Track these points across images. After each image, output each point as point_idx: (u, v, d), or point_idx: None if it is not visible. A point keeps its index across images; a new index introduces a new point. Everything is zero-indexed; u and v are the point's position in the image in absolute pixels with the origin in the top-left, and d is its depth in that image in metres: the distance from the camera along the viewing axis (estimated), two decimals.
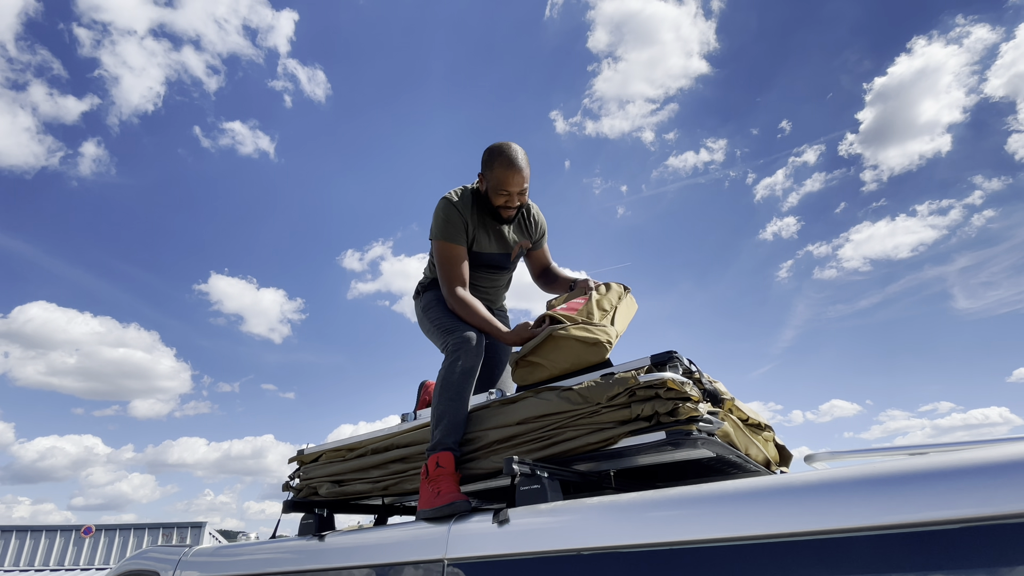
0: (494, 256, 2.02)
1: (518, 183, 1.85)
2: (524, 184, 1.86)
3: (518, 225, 2.04)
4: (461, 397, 1.62)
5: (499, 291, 2.18)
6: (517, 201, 1.88)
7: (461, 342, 1.72)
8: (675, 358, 1.34)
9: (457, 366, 1.67)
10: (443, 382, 1.65)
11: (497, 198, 1.88)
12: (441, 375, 1.69)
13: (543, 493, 1.23)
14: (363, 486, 1.72)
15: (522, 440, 1.42)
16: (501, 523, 1.17)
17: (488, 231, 1.97)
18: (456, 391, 1.62)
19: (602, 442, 1.33)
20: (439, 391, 1.64)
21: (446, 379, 1.65)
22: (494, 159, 1.86)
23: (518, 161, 1.84)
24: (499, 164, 1.85)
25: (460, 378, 1.65)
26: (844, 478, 0.89)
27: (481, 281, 2.07)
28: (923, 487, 0.82)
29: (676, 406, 1.26)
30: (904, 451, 1.09)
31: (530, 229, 2.09)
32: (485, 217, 1.95)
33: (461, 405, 1.61)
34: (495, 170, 1.86)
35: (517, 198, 1.87)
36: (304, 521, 1.71)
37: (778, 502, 0.92)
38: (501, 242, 2.02)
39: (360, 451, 1.79)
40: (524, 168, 1.85)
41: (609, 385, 1.33)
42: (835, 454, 1.27)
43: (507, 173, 1.83)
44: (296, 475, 1.97)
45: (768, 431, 1.77)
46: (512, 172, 1.83)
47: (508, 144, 1.87)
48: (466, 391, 1.64)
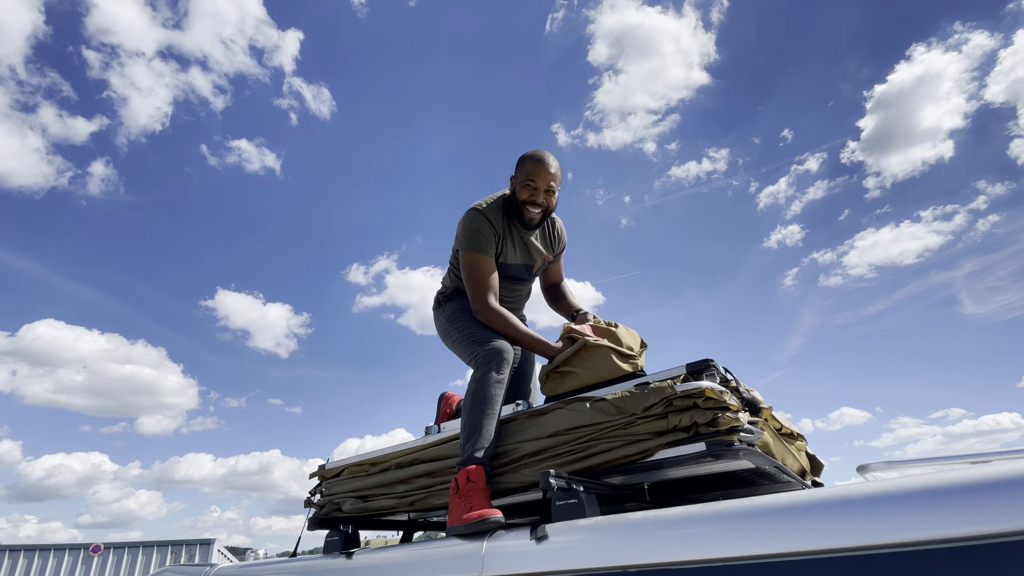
0: (518, 268, 2.01)
1: (545, 177, 1.87)
2: (551, 181, 1.88)
3: (543, 236, 2.05)
4: (493, 410, 1.58)
5: (520, 302, 2.17)
6: (543, 198, 1.89)
7: (493, 353, 1.69)
8: (712, 366, 1.31)
9: (489, 378, 1.64)
10: (474, 394, 1.61)
11: (523, 191, 1.89)
12: (472, 387, 1.65)
13: (581, 508, 1.19)
14: (388, 501, 1.68)
15: (554, 453, 1.39)
16: (539, 539, 1.13)
17: (515, 241, 1.96)
18: (488, 404, 1.58)
19: (638, 454, 1.29)
20: (470, 403, 1.61)
21: (477, 391, 1.61)
22: (526, 157, 1.91)
23: (548, 158, 1.89)
24: (530, 160, 1.90)
25: (492, 390, 1.62)
26: (904, 489, 0.85)
27: (505, 292, 2.05)
28: (991, 497, 0.78)
29: (715, 416, 1.22)
30: (965, 459, 1.05)
31: (554, 242, 2.10)
32: (513, 226, 1.95)
33: (493, 418, 1.57)
34: (525, 165, 1.90)
35: (543, 195, 1.89)
36: (329, 538, 1.67)
37: (834, 515, 0.88)
38: (525, 253, 2.01)
39: (384, 465, 1.76)
40: (553, 165, 1.89)
41: (644, 395, 1.29)
42: (891, 464, 1.23)
43: (536, 167, 1.88)
44: (318, 491, 1.93)
45: (801, 440, 1.74)
46: (542, 166, 1.88)
47: (541, 149, 1.92)
48: (497, 403, 1.60)
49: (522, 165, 1.91)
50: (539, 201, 1.88)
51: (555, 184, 1.90)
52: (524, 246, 1.99)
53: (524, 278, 2.06)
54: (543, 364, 1.66)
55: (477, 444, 1.52)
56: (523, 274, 2.04)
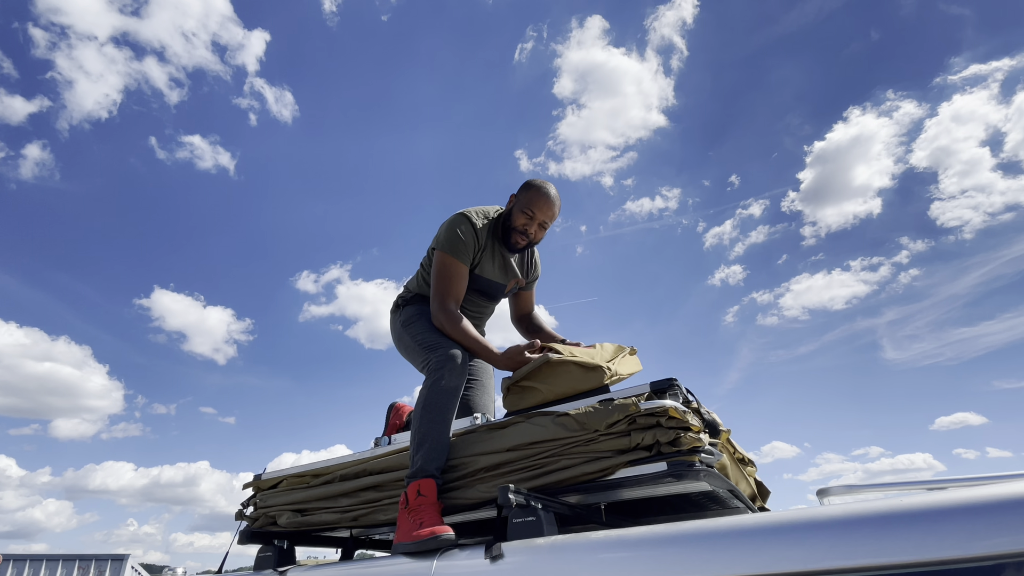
0: (492, 284, 1.99)
1: (545, 212, 1.89)
2: (548, 217, 1.92)
3: (521, 261, 2.07)
4: (444, 419, 1.51)
5: (483, 320, 2.14)
6: (535, 230, 1.91)
7: (445, 360, 1.61)
8: (675, 386, 1.30)
9: (440, 385, 1.56)
10: (425, 403, 1.54)
11: (519, 217, 1.90)
12: (422, 395, 1.58)
13: (539, 526, 1.14)
14: (330, 516, 1.58)
15: (512, 468, 1.34)
16: (494, 558, 1.07)
17: (494, 257, 1.97)
18: (439, 413, 1.51)
19: (599, 472, 1.25)
20: (420, 412, 1.53)
21: (428, 400, 1.54)
22: (533, 185, 1.92)
23: (554, 195, 1.92)
24: (535, 190, 1.91)
25: (444, 398, 1.54)
26: (865, 514, 0.85)
27: (470, 305, 2.02)
28: (950, 523, 0.79)
29: (678, 435, 1.21)
30: (921, 485, 1.07)
31: (529, 269, 2.12)
32: (497, 243, 1.96)
33: (444, 428, 1.50)
34: (530, 192, 1.91)
35: (537, 228, 1.91)
36: (261, 554, 1.55)
37: (795, 539, 0.87)
38: (502, 272, 2.01)
39: (326, 477, 1.65)
40: (556, 204, 1.93)
41: (608, 411, 1.27)
42: (850, 488, 1.24)
43: (540, 199, 1.88)
44: (252, 502, 1.80)
45: (752, 467, 1.75)
46: (546, 201, 1.89)
47: (549, 183, 1.94)
48: (449, 413, 1.53)
49: (527, 191, 1.91)
50: (531, 232, 1.90)
51: (550, 222, 1.92)
52: (503, 264, 2.00)
53: (494, 296, 2.04)
54: (505, 376, 1.61)
55: (428, 455, 1.44)
56: (494, 291, 2.02)
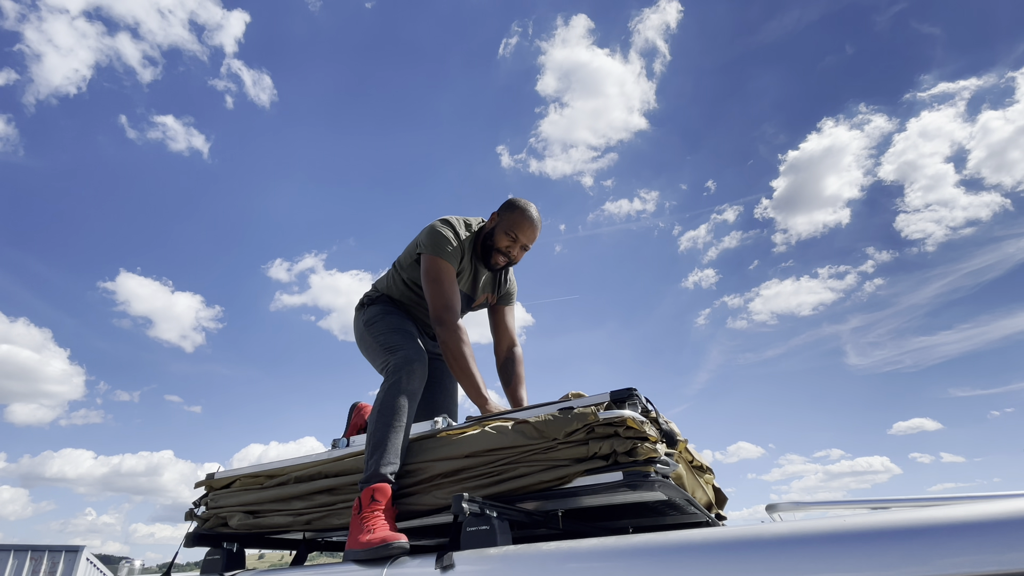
0: (462, 296, 1.98)
1: (529, 235, 1.92)
2: (531, 241, 1.94)
3: (492, 277, 2.06)
4: (400, 423, 1.49)
5: None
6: (517, 252, 1.94)
7: (404, 363, 1.60)
8: (635, 395, 1.30)
9: (398, 388, 1.54)
10: (381, 406, 1.52)
11: (502, 239, 1.91)
12: (379, 398, 1.56)
13: (492, 535, 1.13)
14: (282, 519, 1.54)
15: (470, 475, 1.32)
16: (445, 568, 1.06)
17: (469, 268, 1.97)
18: (395, 417, 1.49)
19: (556, 480, 1.25)
20: (376, 416, 1.50)
21: (384, 402, 1.52)
22: (518, 206, 1.93)
23: (537, 219, 1.94)
24: (520, 212, 1.92)
25: (400, 402, 1.52)
26: (812, 532, 0.86)
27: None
28: (891, 544, 0.80)
29: (635, 446, 1.21)
30: (866, 504, 1.09)
31: (499, 285, 2.10)
32: (474, 256, 1.97)
33: (400, 432, 1.48)
34: (514, 213, 1.92)
35: (519, 250, 1.94)
36: (209, 557, 1.50)
37: (745, 555, 0.87)
38: (472, 285, 2.01)
39: (281, 479, 1.61)
40: (539, 228, 1.95)
41: (567, 420, 1.26)
42: (798, 505, 1.26)
43: (524, 222, 1.90)
44: (203, 502, 1.75)
45: (709, 474, 1.77)
46: (530, 224, 1.91)
47: (533, 204, 1.95)
48: (406, 417, 1.51)
49: (511, 212, 1.92)
50: (513, 255, 1.93)
51: (531, 244, 1.95)
52: (474, 278, 2.00)
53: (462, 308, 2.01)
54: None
55: (382, 460, 1.42)
56: (463, 305, 2.01)
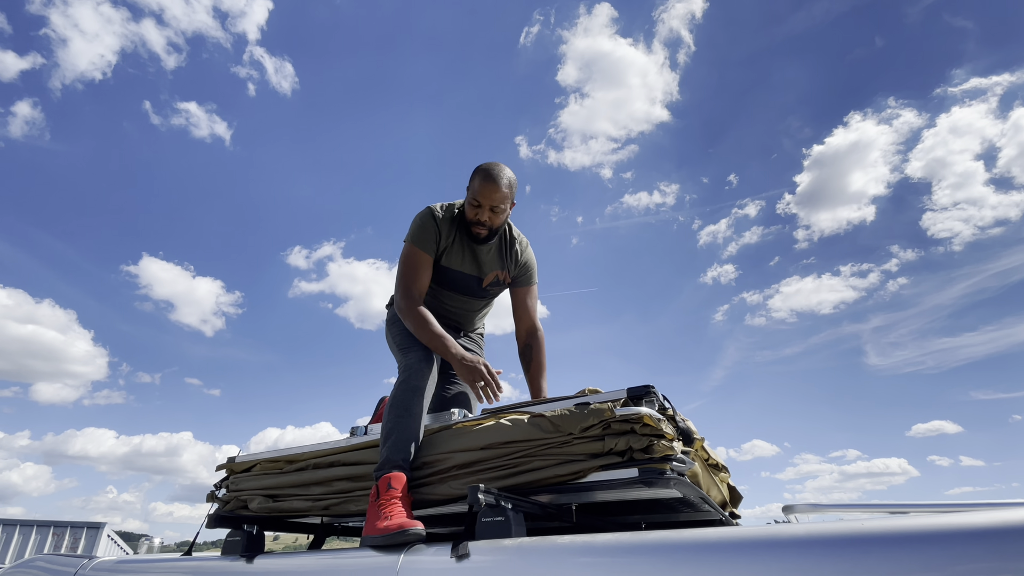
0: (464, 276, 1.96)
1: (490, 196, 1.80)
2: (498, 201, 1.81)
3: (498, 252, 1.98)
4: (410, 414, 1.54)
5: (470, 317, 2.11)
6: (487, 217, 1.83)
7: (412, 363, 1.69)
8: (652, 393, 1.30)
9: (406, 386, 1.62)
10: (392, 400, 1.60)
11: (470, 210, 1.85)
12: (392, 393, 1.63)
13: (507, 526, 1.14)
14: (301, 503, 1.58)
15: (485, 467, 1.34)
16: (460, 557, 1.08)
17: (463, 249, 1.92)
18: (404, 410, 1.55)
19: (571, 475, 1.26)
20: (388, 409, 1.58)
21: (395, 397, 1.60)
22: (477, 173, 1.85)
23: (496, 177, 1.81)
24: (479, 176, 1.83)
25: (408, 396, 1.59)
26: (827, 534, 0.86)
27: (451, 301, 2.02)
28: (910, 549, 0.80)
29: (651, 443, 1.21)
30: (885, 509, 1.08)
31: (509, 259, 1.99)
32: (464, 235, 1.91)
33: (410, 422, 1.52)
34: (474, 181, 1.84)
35: (488, 214, 1.83)
36: (230, 538, 1.54)
37: (760, 556, 0.87)
38: (474, 263, 1.95)
39: (300, 464, 1.65)
40: (502, 185, 1.81)
41: (584, 416, 1.27)
42: (816, 507, 1.25)
43: (484, 185, 1.81)
44: (224, 485, 1.79)
45: (725, 472, 1.77)
46: (488, 185, 1.80)
47: (496, 163, 1.86)
48: (415, 408, 1.56)
49: (472, 180, 1.85)
50: (483, 220, 1.83)
51: (503, 204, 1.82)
52: (473, 256, 1.95)
53: (473, 290, 2.00)
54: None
55: (393, 447, 1.47)
56: (472, 285, 1.98)
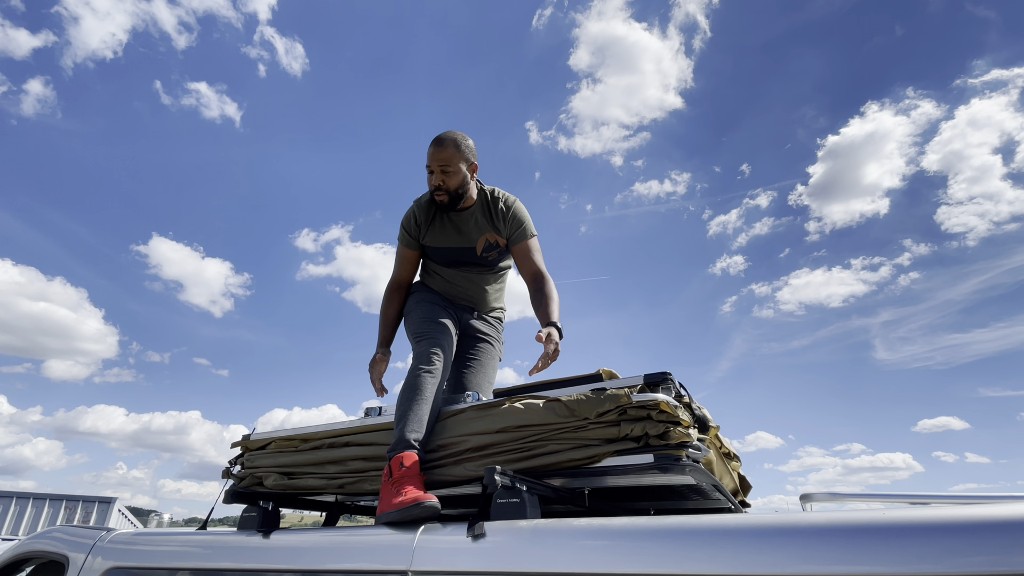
0: (454, 251, 1.97)
1: (434, 156, 1.83)
2: (444, 160, 1.82)
3: (484, 214, 1.95)
4: (423, 397, 1.57)
5: (480, 291, 2.07)
6: (440, 180, 1.84)
7: (427, 348, 1.74)
8: (669, 380, 1.30)
9: (419, 370, 1.67)
10: (406, 383, 1.64)
11: (428, 181, 1.89)
12: (406, 378, 1.67)
13: (522, 508, 1.15)
14: (316, 481, 1.59)
15: (500, 449, 1.35)
16: (476, 537, 1.08)
17: (444, 224, 1.95)
18: (416, 392, 1.58)
19: (586, 459, 1.26)
20: (402, 392, 1.62)
21: (408, 381, 1.64)
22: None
23: (441, 139, 1.85)
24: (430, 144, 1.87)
25: (420, 380, 1.62)
26: (847, 523, 0.86)
27: (458, 280, 2.04)
28: (931, 539, 0.79)
29: (667, 429, 1.21)
30: (905, 499, 1.08)
31: (496, 219, 1.95)
32: (443, 212, 1.96)
33: (423, 405, 1.55)
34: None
35: (441, 177, 1.84)
36: (246, 514, 1.56)
37: (777, 543, 0.87)
38: (459, 235, 1.95)
39: (315, 443, 1.66)
40: (446, 145, 1.83)
41: (600, 401, 1.27)
42: (834, 496, 1.25)
43: (430, 149, 1.85)
44: (239, 462, 1.82)
45: (736, 461, 1.77)
46: (432, 147, 1.85)
47: (446, 132, 1.87)
48: (427, 391, 1.59)
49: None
50: (438, 184, 1.85)
51: (450, 164, 1.82)
52: (455, 228, 1.95)
53: (469, 261, 1.99)
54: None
55: (407, 428, 1.50)
56: (464, 256, 1.98)
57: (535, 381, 1.49)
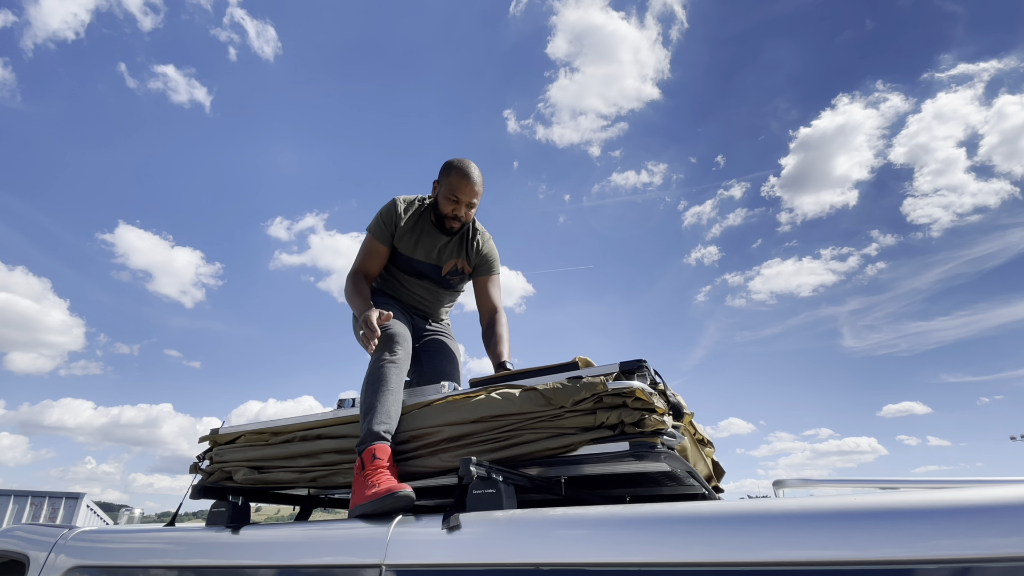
0: (422, 264, 2.02)
1: (468, 192, 1.88)
2: (474, 197, 1.90)
3: (459, 242, 2.03)
4: (388, 388, 1.54)
5: (435, 303, 2.15)
6: (464, 212, 1.91)
7: (387, 338, 1.69)
8: (644, 367, 1.29)
9: (382, 359, 1.63)
10: (368, 376, 1.59)
11: (446, 204, 1.90)
12: (367, 371, 1.63)
13: (498, 498, 1.14)
14: (288, 475, 1.56)
15: (475, 440, 1.33)
16: (452, 529, 1.07)
17: (421, 238, 1.97)
18: (381, 383, 1.55)
19: (562, 448, 1.26)
20: (365, 384, 1.57)
21: (371, 372, 1.60)
22: (452, 168, 1.91)
23: (473, 173, 1.89)
24: (455, 172, 1.89)
25: (387, 369, 1.59)
26: (819, 509, 0.87)
27: (417, 288, 2.08)
28: (901, 523, 0.81)
29: (642, 417, 1.21)
30: (874, 484, 1.09)
31: (470, 249, 2.04)
32: (426, 225, 1.97)
33: (389, 396, 1.52)
34: (450, 176, 1.89)
35: (465, 209, 1.90)
36: (215, 509, 1.52)
37: (752, 529, 0.88)
38: (432, 252, 2.00)
39: (286, 436, 1.62)
40: (478, 182, 1.90)
41: (576, 389, 1.26)
42: (806, 482, 1.27)
43: (461, 181, 1.88)
44: (207, 456, 1.77)
45: (710, 447, 1.79)
46: (466, 181, 1.88)
47: (467, 160, 1.92)
48: (394, 382, 1.56)
49: (447, 175, 1.91)
50: (459, 215, 1.91)
51: (477, 200, 1.92)
52: (431, 244, 2.00)
53: (433, 278, 2.06)
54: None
55: (375, 420, 1.46)
56: (430, 273, 2.04)
57: (511, 371, 1.48)
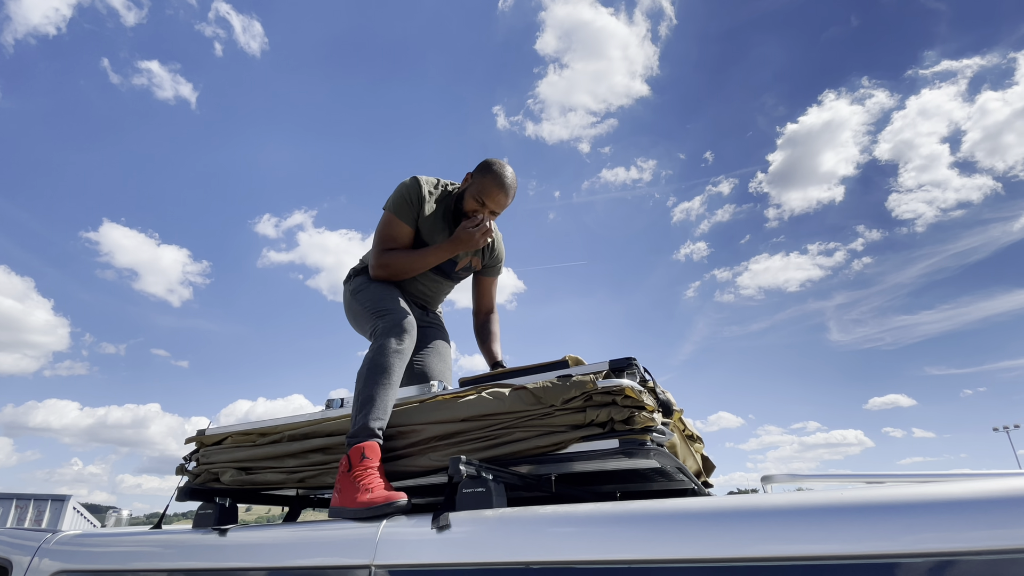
0: None
1: (498, 202, 1.83)
2: (501, 208, 1.85)
3: None
4: (390, 382, 1.50)
5: (436, 293, 2.11)
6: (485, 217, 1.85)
7: (393, 324, 1.63)
8: (634, 365, 1.30)
9: (388, 347, 1.57)
10: (370, 364, 1.54)
11: (470, 202, 1.84)
12: (368, 357, 1.57)
13: (488, 497, 1.13)
14: (275, 476, 1.54)
15: (466, 438, 1.32)
16: (441, 528, 1.06)
17: (442, 227, 1.91)
18: (385, 375, 1.50)
19: (552, 446, 1.26)
20: (366, 373, 1.52)
21: (373, 361, 1.54)
22: (489, 171, 1.83)
23: (508, 184, 1.82)
24: (492, 176, 1.82)
25: (390, 360, 1.54)
26: (807, 504, 0.87)
27: (420, 277, 2.01)
28: (887, 517, 0.81)
29: (632, 414, 1.21)
30: (861, 479, 1.10)
31: (487, 248, 2.02)
32: (447, 218, 1.90)
33: (389, 391, 1.49)
34: (486, 178, 1.82)
35: (488, 216, 1.84)
36: (201, 511, 1.50)
37: (741, 525, 0.88)
38: None
39: (274, 437, 1.61)
40: (509, 194, 1.85)
41: (566, 387, 1.26)
42: (794, 477, 1.28)
43: (493, 188, 1.81)
44: (194, 457, 1.75)
45: (699, 443, 1.80)
46: (499, 190, 1.81)
47: (507, 167, 1.85)
48: (395, 375, 1.53)
49: (482, 175, 1.83)
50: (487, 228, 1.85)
51: (501, 211, 1.87)
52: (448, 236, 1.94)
53: (445, 271, 2.01)
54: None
55: (371, 415, 1.42)
56: (445, 267, 1.99)
57: (501, 370, 1.48)
